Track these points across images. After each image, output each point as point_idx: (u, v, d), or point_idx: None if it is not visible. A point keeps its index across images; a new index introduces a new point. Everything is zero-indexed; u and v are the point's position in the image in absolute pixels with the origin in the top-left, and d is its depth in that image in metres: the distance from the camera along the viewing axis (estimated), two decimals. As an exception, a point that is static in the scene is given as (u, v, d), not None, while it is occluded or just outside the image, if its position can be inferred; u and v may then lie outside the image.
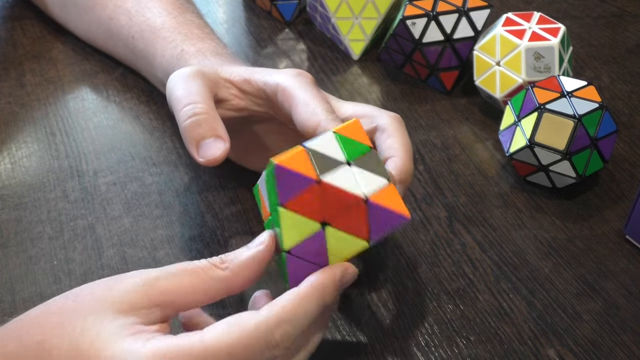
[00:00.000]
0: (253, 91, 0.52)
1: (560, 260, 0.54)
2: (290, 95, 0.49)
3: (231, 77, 0.52)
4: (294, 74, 0.50)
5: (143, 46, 0.62)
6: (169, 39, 0.60)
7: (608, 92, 0.69)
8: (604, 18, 0.79)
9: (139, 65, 0.65)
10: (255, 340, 0.36)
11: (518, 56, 0.62)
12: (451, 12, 0.66)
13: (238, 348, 0.36)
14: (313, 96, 0.48)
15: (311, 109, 0.47)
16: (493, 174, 0.61)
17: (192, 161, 0.60)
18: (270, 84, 0.50)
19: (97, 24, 0.67)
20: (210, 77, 0.51)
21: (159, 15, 0.62)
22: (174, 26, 0.61)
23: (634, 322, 0.49)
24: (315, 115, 0.47)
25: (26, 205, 0.56)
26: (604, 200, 0.59)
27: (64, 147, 0.61)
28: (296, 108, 0.48)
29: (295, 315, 0.38)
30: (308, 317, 0.38)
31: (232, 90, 0.52)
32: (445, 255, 0.54)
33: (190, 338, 0.36)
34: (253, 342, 0.36)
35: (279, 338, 0.37)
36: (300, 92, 0.48)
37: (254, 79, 0.51)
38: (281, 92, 0.49)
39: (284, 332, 0.37)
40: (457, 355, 0.47)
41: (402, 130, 0.48)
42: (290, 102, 0.48)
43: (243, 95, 0.52)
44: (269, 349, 0.37)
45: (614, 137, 0.58)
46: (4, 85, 0.67)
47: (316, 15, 0.74)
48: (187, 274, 0.39)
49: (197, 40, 0.59)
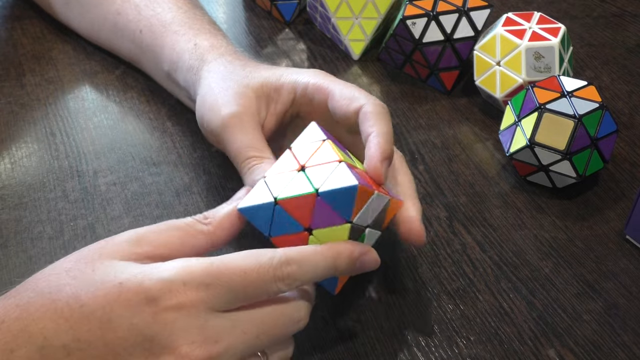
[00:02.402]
0: (285, 94, 0.53)
1: (561, 260, 0.54)
2: (324, 88, 0.51)
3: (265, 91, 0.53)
4: (319, 72, 0.53)
5: (151, 40, 0.62)
6: (180, 32, 0.60)
7: (608, 92, 0.69)
8: (604, 18, 0.79)
9: (144, 59, 0.65)
10: (266, 268, 0.40)
11: (518, 56, 0.62)
12: (451, 12, 0.66)
13: (252, 271, 0.39)
14: (346, 85, 0.51)
15: (350, 95, 0.50)
16: (493, 174, 0.61)
17: (192, 161, 0.60)
18: (301, 82, 0.52)
19: (103, 20, 0.67)
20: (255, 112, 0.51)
21: (169, 10, 0.63)
22: (185, 20, 0.61)
23: (635, 322, 0.49)
24: (357, 99, 0.49)
25: (26, 205, 0.56)
26: (604, 200, 0.58)
27: (64, 147, 0.61)
28: (333, 98, 0.50)
29: (305, 260, 0.41)
30: (315, 269, 0.41)
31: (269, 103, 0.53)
32: (445, 255, 0.54)
33: (210, 257, 0.40)
34: (264, 270, 0.40)
35: (286, 273, 0.40)
36: (333, 84, 0.51)
37: (283, 82, 0.52)
38: (313, 88, 0.51)
39: (291, 271, 0.40)
40: (457, 355, 0.47)
41: (385, 116, 0.49)
42: (326, 94, 0.51)
43: (278, 102, 0.53)
44: (275, 280, 0.40)
45: (614, 137, 0.58)
46: (4, 85, 0.67)
47: (316, 15, 0.74)
48: (174, 229, 0.42)
49: (209, 35, 0.59)
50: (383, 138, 0.46)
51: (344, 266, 0.42)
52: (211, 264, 0.39)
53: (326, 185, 0.43)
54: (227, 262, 0.40)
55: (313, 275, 0.41)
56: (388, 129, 0.47)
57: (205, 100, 0.53)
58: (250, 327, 0.39)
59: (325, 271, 0.42)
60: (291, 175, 0.44)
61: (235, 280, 0.39)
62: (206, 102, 0.53)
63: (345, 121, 0.50)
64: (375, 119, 0.47)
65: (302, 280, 0.41)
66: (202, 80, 0.55)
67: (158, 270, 0.39)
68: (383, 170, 0.45)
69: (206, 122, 0.53)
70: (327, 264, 0.42)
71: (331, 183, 0.42)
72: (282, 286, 0.40)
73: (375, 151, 0.46)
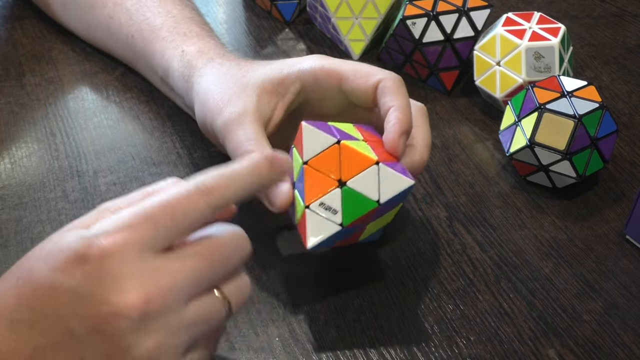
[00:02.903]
0: (291, 85, 0.52)
1: (561, 260, 0.54)
2: (334, 71, 0.51)
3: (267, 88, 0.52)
4: (320, 57, 0.53)
5: (142, 45, 0.62)
6: (169, 39, 0.60)
7: (608, 92, 0.69)
8: (604, 18, 0.79)
9: (138, 64, 0.65)
10: (185, 188, 0.39)
11: (518, 56, 0.62)
12: (451, 12, 0.66)
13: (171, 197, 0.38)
14: (355, 63, 0.51)
15: (365, 72, 0.50)
16: (493, 174, 0.61)
17: (192, 161, 0.60)
18: (306, 70, 0.52)
19: (97, 23, 0.67)
20: (255, 111, 0.51)
21: (159, 15, 0.62)
22: (173, 25, 0.61)
23: (635, 322, 0.49)
24: (373, 75, 0.50)
25: (26, 205, 0.56)
26: (604, 200, 0.58)
27: (64, 147, 0.61)
28: (347, 78, 0.51)
29: (224, 172, 0.40)
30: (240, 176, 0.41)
31: (274, 99, 0.52)
32: (445, 255, 0.54)
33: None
34: (184, 190, 0.39)
35: (209, 185, 0.39)
36: (343, 64, 0.51)
37: (286, 75, 0.52)
38: (321, 72, 0.51)
39: (214, 182, 0.39)
40: (457, 355, 0.47)
41: (402, 89, 0.50)
42: (339, 75, 0.51)
43: (285, 94, 0.52)
44: (200, 195, 0.39)
45: (614, 137, 0.58)
46: (4, 85, 0.67)
47: (316, 15, 0.74)
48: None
49: (197, 39, 0.59)
50: (402, 112, 0.48)
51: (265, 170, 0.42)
52: (130, 209, 0.38)
53: (385, 194, 0.45)
54: (145, 202, 0.39)
55: (239, 185, 0.40)
56: (406, 101, 0.49)
57: (206, 103, 0.53)
58: (187, 260, 0.38)
59: (250, 177, 0.41)
60: (336, 194, 0.45)
61: (157, 210, 0.38)
62: (207, 105, 0.53)
63: (365, 98, 0.50)
64: (394, 93, 0.49)
65: (230, 191, 0.40)
66: (195, 86, 0.55)
67: (89, 230, 0.38)
68: (401, 144, 0.47)
69: (209, 125, 0.52)
70: (249, 170, 0.41)
71: (388, 189, 0.45)
72: (210, 200, 0.39)
73: (393, 125, 0.47)
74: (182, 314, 0.38)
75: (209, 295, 0.39)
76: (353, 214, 0.45)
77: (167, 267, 0.38)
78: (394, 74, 0.50)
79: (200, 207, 0.38)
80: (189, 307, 0.38)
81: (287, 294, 0.51)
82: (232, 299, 0.40)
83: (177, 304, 0.38)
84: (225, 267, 0.40)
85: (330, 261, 0.53)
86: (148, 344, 0.37)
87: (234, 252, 0.40)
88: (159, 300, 0.37)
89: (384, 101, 0.49)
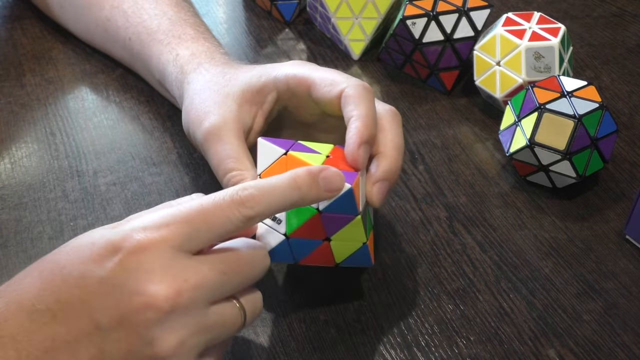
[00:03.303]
0: (268, 94, 0.52)
1: (561, 260, 0.54)
2: (304, 79, 0.50)
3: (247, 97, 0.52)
4: (298, 63, 0.52)
5: (140, 48, 0.62)
6: (164, 42, 0.60)
7: (608, 92, 0.69)
8: (604, 18, 0.79)
9: (136, 66, 0.65)
10: (222, 196, 0.40)
11: (518, 56, 0.62)
12: (451, 12, 0.66)
13: (208, 203, 0.40)
14: (326, 71, 0.50)
15: (330, 80, 0.49)
16: (493, 174, 0.61)
17: (192, 161, 0.60)
18: (280, 78, 0.51)
19: (95, 25, 0.67)
20: (235, 121, 0.51)
21: (155, 17, 0.62)
22: (169, 28, 0.61)
23: (635, 322, 0.49)
24: (338, 84, 0.49)
25: (26, 205, 0.56)
26: (604, 200, 0.58)
27: (64, 147, 0.61)
28: (315, 86, 0.50)
29: (263, 184, 0.41)
30: (274, 189, 0.41)
31: (254, 108, 0.52)
32: (445, 255, 0.54)
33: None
34: (221, 198, 0.40)
35: (244, 196, 0.40)
36: (313, 72, 0.50)
37: (264, 83, 0.52)
38: (293, 80, 0.51)
39: (249, 193, 0.40)
40: (457, 355, 0.47)
41: (365, 97, 0.48)
42: (308, 84, 0.50)
43: (263, 103, 0.52)
44: (235, 205, 0.39)
45: (614, 137, 0.58)
46: (4, 85, 0.67)
47: (316, 15, 0.74)
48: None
49: (190, 41, 0.59)
50: (362, 121, 0.46)
51: (306, 184, 0.41)
52: (170, 209, 0.40)
53: (323, 201, 0.43)
54: (184, 203, 0.41)
55: (275, 198, 0.41)
56: (367, 110, 0.47)
57: (189, 114, 0.53)
58: (216, 264, 0.39)
59: (287, 191, 0.41)
60: None
61: (193, 214, 0.39)
62: (189, 116, 0.53)
63: (331, 108, 0.49)
64: (355, 102, 0.47)
65: (265, 204, 0.40)
66: (185, 93, 0.55)
67: (124, 226, 0.40)
68: (361, 155, 0.46)
69: (191, 136, 0.53)
70: (286, 183, 0.41)
71: None
72: (244, 210, 0.39)
73: (352, 136, 0.46)
74: (205, 315, 0.39)
75: (229, 303, 0.41)
76: (295, 223, 0.44)
77: (197, 267, 0.39)
78: (359, 82, 0.49)
79: (234, 216, 0.40)
80: (211, 309, 0.39)
81: (287, 294, 0.51)
82: (248, 309, 0.41)
83: (202, 303, 0.39)
84: (246, 278, 0.41)
85: (330, 261, 0.53)
86: (171, 339, 0.38)
87: (256, 266, 0.42)
88: (188, 295, 0.38)
89: (346, 110, 0.48)
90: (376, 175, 0.47)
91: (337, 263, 0.47)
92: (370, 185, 0.47)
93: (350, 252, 0.46)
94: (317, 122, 0.53)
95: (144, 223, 0.39)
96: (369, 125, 0.46)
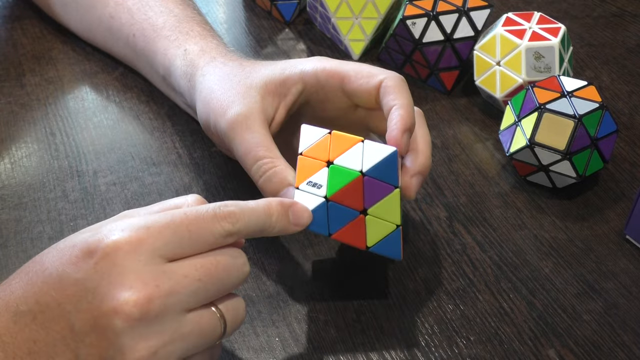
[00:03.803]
0: (293, 86, 0.52)
1: (561, 260, 0.54)
2: (336, 73, 0.51)
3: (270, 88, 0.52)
4: (322, 59, 0.53)
5: (144, 44, 0.62)
6: (171, 37, 0.60)
7: (608, 92, 0.69)
8: (604, 18, 0.79)
9: (139, 63, 0.65)
10: (205, 209, 0.40)
11: (518, 56, 0.62)
12: (451, 12, 0.66)
13: (191, 211, 0.40)
14: (356, 64, 0.52)
15: (367, 73, 0.50)
16: (493, 174, 0.61)
17: (192, 161, 0.60)
18: (308, 71, 0.52)
19: (98, 22, 0.67)
20: (260, 111, 0.51)
21: (161, 14, 0.62)
22: (175, 25, 0.61)
23: (634, 322, 0.49)
24: (375, 75, 0.50)
25: (26, 205, 0.56)
26: (604, 200, 0.58)
27: (64, 147, 0.61)
28: (349, 78, 0.51)
29: (243, 205, 0.42)
30: (252, 212, 0.42)
31: (277, 99, 0.52)
32: (445, 255, 0.54)
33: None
34: (204, 209, 0.40)
35: (226, 212, 0.40)
36: (344, 65, 0.51)
37: (287, 75, 0.52)
38: (323, 73, 0.51)
39: (231, 210, 0.41)
40: (457, 355, 0.47)
41: (405, 88, 0.50)
42: (340, 76, 0.51)
43: (287, 95, 0.52)
44: (217, 219, 0.40)
45: (614, 137, 0.58)
46: (4, 85, 0.67)
47: (316, 15, 0.74)
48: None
49: (199, 38, 0.59)
50: (404, 110, 0.48)
51: (277, 213, 0.43)
52: (154, 215, 0.40)
53: (367, 163, 0.45)
54: (166, 208, 0.41)
55: (253, 219, 0.42)
56: (408, 100, 0.49)
57: (209, 103, 0.53)
58: (191, 270, 0.39)
59: (262, 216, 0.42)
60: (323, 173, 0.46)
61: (177, 221, 0.39)
62: (210, 106, 0.52)
63: (367, 99, 0.51)
64: (396, 92, 0.49)
65: (243, 222, 0.41)
66: (198, 85, 0.55)
67: (106, 226, 0.39)
68: (404, 141, 0.47)
69: (212, 126, 0.52)
70: (262, 208, 0.42)
71: (370, 159, 0.45)
72: (225, 225, 0.40)
73: (396, 123, 0.47)
74: (180, 322, 0.38)
75: (207, 310, 0.40)
76: (337, 185, 0.45)
77: (171, 273, 0.38)
78: (396, 74, 0.50)
79: (216, 229, 0.40)
80: (187, 317, 0.39)
81: (287, 294, 0.51)
82: (228, 317, 0.41)
83: (176, 311, 0.38)
84: (223, 285, 0.40)
85: (330, 261, 0.53)
86: (143, 347, 0.37)
87: (233, 273, 0.41)
88: (160, 302, 0.37)
89: (386, 100, 0.49)
90: (413, 169, 0.48)
91: (368, 246, 0.47)
92: (408, 177, 0.48)
93: (382, 235, 0.46)
94: (339, 117, 0.53)
95: (124, 225, 0.39)
96: (411, 113, 0.48)
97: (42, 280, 0.38)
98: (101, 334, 0.37)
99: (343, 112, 0.53)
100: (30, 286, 0.38)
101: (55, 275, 0.38)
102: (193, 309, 0.39)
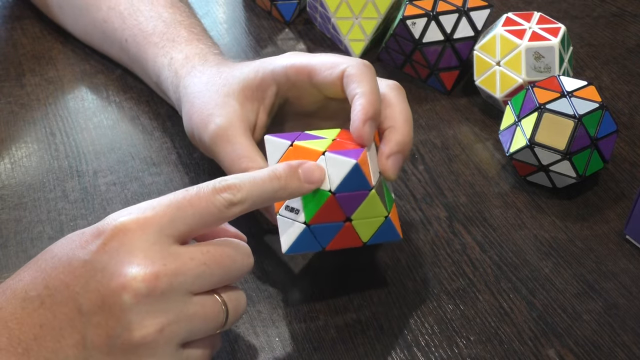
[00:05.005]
0: (268, 88, 0.52)
1: (560, 260, 0.54)
2: (303, 68, 0.50)
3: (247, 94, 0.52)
4: (293, 53, 0.52)
5: (136, 50, 0.62)
6: (159, 45, 0.60)
7: (608, 92, 0.69)
8: (604, 18, 0.79)
9: (134, 68, 0.65)
10: (205, 184, 0.41)
11: (518, 56, 0.62)
12: (451, 12, 0.66)
13: (192, 189, 0.40)
14: (323, 55, 0.51)
15: (331, 63, 0.49)
16: (493, 174, 0.61)
17: (192, 161, 0.60)
18: (278, 71, 0.51)
19: (92, 26, 0.67)
20: (241, 120, 0.51)
21: (150, 19, 0.62)
22: (164, 31, 0.61)
23: (635, 322, 0.49)
24: (338, 65, 0.49)
25: (26, 205, 0.56)
26: (604, 200, 0.58)
27: (64, 147, 0.61)
28: (315, 72, 0.50)
29: (244, 175, 0.42)
30: (254, 178, 0.42)
31: (256, 104, 0.52)
32: (445, 255, 0.54)
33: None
34: (204, 185, 0.41)
35: (225, 185, 0.41)
36: (311, 59, 0.51)
37: (262, 78, 0.52)
38: (292, 70, 0.51)
39: (230, 183, 0.41)
40: (457, 355, 0.47)
41: (368, 75, 0.48)
42: (307, 71, 0.50)
43: (264, 98, 0.52)
44: (218, 192, 0.40)
45: (614, 137, 0.58)
46: (4, 85, 0.67)
47: (316, 15, 0.74)
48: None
49: (184, 44, 0.59)
50: (365, 98, 0.46)
51: (285, 174, 0.43)
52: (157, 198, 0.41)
53: (334, 181, 0.44)
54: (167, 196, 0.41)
55: (257, 188, 0.41)
56: (371, 87, 0.47)
57: (191, 118, 0.53)
58: (197, 253, 0.40)
59: (267, 181, 0.42)
60: None
61: (179, 198, 0.40)
62: (192, 120, 0.53)
63: (334, 90, 0.49)
64: (358, 80, 0.47)
65: (245, 192, 0.41)
66: (182, 98, 0.55)
67: (113, 214, 0.40)
68: (367, 132, 0.46)
69: (198, 139, 0.53)
70: (266, 174, 0.42)
71: (336, 176, 0.44)
72: (226, 195, 0.40)
73: (357, 114, 0.46)
74: (185, 303, 0.39)
75: (210, 296, 0.41)
76: (312, 209, 0.45)
77: (177, 254, 0.39)
78: (360, 60, 0.49)
79: (217, 200, 0.40)
80: (192, 299, 0.39)
81: (287, 294, 0.51)
82: (230, 307, 0.41)
83: (182, 291, 0.39)
84: (227, 274, 0.41)
85: (330, 261, 0.53)
86: (149, 324, 0.38)
87: (237, 262, 0.42)
88: (166, 280, 0.38)
89: (349, 90, 0.48)
90: (389, 148, 0.47)
91: (365, 242, 0.47)
92: (384, 159, 0.47)
93: (374, 229, 0.47)
94: (319, 110, 0.53)
95: (131, 209, 0.40)
96: (373, 101, 0.47)
97: (52, 266, 0.39)
98: (109, 312, 0.38)
99: (320, 105, 0.52)
100: (39, 272, 0.39)
101: (65, 259, 0.39)
102: (198, 293, 0.40)
